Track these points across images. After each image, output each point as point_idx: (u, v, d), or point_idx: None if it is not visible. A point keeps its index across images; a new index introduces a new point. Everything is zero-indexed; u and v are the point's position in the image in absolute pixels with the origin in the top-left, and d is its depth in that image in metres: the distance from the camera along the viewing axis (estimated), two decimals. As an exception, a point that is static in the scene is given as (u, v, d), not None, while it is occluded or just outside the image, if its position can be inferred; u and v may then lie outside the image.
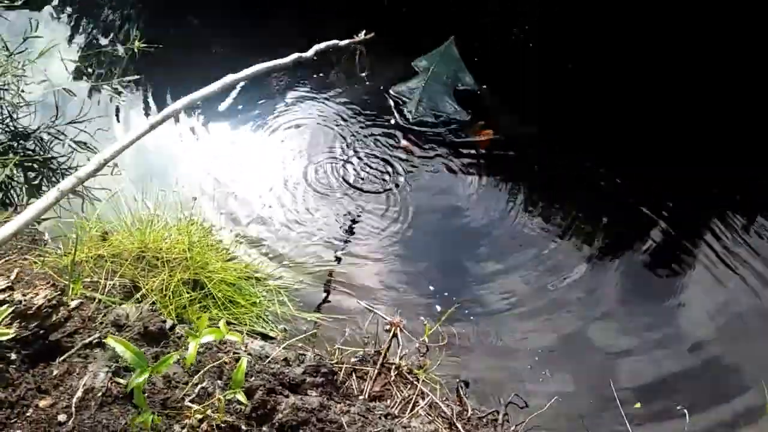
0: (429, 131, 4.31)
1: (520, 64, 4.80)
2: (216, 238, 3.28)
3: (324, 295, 3.18)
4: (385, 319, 3.03)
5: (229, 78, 3.13)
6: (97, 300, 2.53)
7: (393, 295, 3.23)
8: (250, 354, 2.36)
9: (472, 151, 4.16)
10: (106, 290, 2.65)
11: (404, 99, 4.54)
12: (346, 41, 4.16)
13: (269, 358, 2.36)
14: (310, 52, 3.66)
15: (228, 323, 2.82)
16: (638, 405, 2.79)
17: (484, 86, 4.71)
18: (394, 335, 2.93)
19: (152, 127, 2.87)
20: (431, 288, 3.28)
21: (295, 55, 3.52)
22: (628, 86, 4.53)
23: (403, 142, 4.20)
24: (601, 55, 4.74)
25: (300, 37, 4.10)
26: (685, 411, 2.72)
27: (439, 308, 3.15)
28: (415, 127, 4.31)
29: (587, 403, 2.85)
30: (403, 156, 4.09)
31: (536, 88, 4.51)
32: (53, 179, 3.59)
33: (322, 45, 3.77)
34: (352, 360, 2.76)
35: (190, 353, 1.72)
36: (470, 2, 5.16)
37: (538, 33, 4.98)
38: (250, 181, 3.77)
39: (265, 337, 2.84)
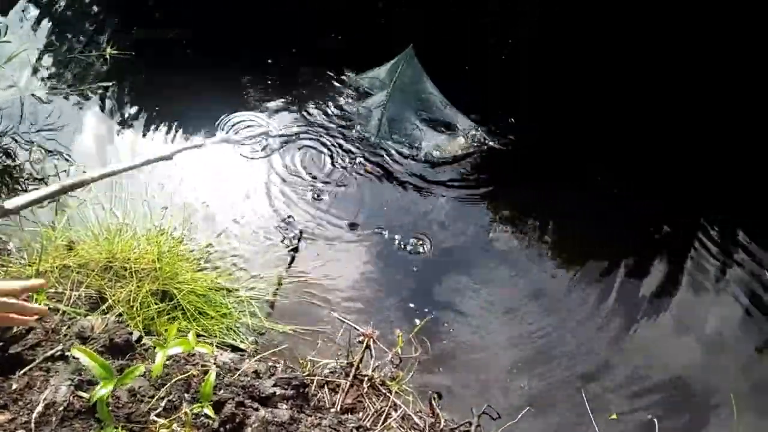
0: (393, 152, 4.15)
1: (518, 66, 4.76)
2: (186, 248, 3.22)
3: (296, 306, 3.14)
4: (358, 330, 3.00)
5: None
6: (61, 311, 2.46)
7: (366, 307, 3.21)
8: (219, 366, 2.30)
9: (445, 168, 4.11)
10: (71, 301, 2.59)
11: (362, 118, 4.26)
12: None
13: (239, 371, 2.32)
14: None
15: (197, 335, 2.77)
16: (614, 416, 2.81)
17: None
18: (367, 347, 2.91)
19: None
20: (405, 301, 3.26)
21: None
22: (627, 89, 4.55)
23: (368, 166, 4.02)
24: (601, 55, 4.75)
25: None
26: (655, 420, 2.74)
27: (413, 321, 3.13)
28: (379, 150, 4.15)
29: (561, 414, 2.85)
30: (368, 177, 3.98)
31: (533, 91, 4.49)
32: (17, 187, 3.49)
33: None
34: (324, 372, 2.73)
35: (157, 364, 1.68)
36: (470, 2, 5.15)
37: (537, 34, 4.97)
38: (221, 191, 3.71)
39: (235, 349, 2.79)
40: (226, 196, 3.68)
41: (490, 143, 4.18)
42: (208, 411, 1.78)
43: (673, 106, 4.45)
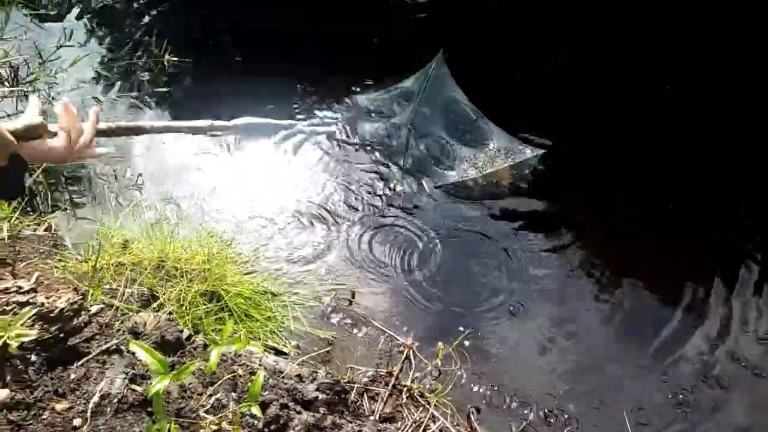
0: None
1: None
2: (235, 251, 3.30)
3: (339, 313, 3.17)
4: (398, 340, 3.02)
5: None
6: (115, 307, 2.56)
7: (407, 317, 3.22)
8: (264, 368, 2.36)
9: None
10: (125, 298, 2.68)
11: (386, 142, 3.99)
12: None
13: (283, 374, 2.37)
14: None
15: (243, 337, 2.83)
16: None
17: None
18: (407, 357, 2.93)
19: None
20: (447, 313, 3.26)
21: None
22: (625, 93, 4.53)
23: (399, 188, 3.84)
24: (600, 58, 4.75)
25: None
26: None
27: (453, 333, 3.13)
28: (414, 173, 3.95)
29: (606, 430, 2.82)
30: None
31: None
32: (73, 188, 3.63)
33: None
34: (364, 380, 2.75)
35: (212, 361, 1.73)
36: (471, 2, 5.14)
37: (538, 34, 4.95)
38: (272, 198, 3.79)
39: (278, 352, 2.84)
40: (277, 203, 3.75)
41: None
42: (256, 410, 1.82)
43: (681, 111, 4.43)
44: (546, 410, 2.90)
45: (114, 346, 2.21)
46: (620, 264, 3.59)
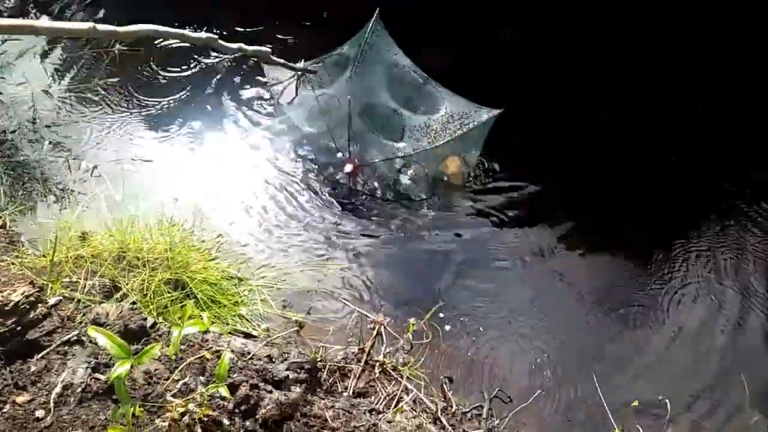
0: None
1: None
2: (198, 238, 3.25)
3: (308, 294, 3.15)
4: (369, 317, 3.02)
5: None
6: (76, 300, 2.50)
7: (377, 294, 3.22)
8: (232, 351, 2.33)
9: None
10: (86, 290, 2.62)
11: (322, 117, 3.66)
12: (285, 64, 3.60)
13: (252, 355, 2.34)
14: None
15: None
16: (635, 403, 2.79)
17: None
18: (378, 333, 2.93)
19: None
20: (416, 289, 3.27)
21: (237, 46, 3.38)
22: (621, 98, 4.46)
23: (348, 167, 3.60)
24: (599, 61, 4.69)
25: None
26: (667, 401, 2.75)
27: (422, 309, 3.12)
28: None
29: (572, 398, 2.85)
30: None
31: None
32: (27, 184, 3.52)
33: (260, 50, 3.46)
34: (336, 358, 2.75)
35: (173, 342, 1.70)
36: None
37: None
38: (232, 183, 3.74)
39: (247, 335, 2.81)
40: (238, 188, 3.70)
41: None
42: (224, 391, 1.80)
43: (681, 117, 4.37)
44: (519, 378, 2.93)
45: (75, 337, 2.17)
46: (581, 242, 3.63)
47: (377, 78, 3.57)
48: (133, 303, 2.61)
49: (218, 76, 4.36)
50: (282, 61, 3.44)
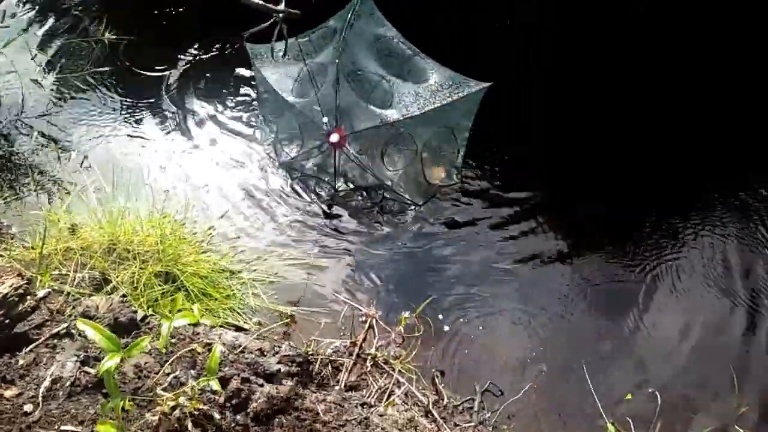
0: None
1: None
2: (189, 230, 3.23)
3: (299, 287, 3.14)
4: (361, 310, 3.02)
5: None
6: (65, 292, 2.48)
7: (369, 288, 3.21)
8: (223, 344, 2.32)
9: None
10: (75, 283, 2.60)
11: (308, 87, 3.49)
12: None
13: (243, 348, 2.33)
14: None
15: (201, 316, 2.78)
16: (629, 396, 2.79)
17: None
18: (370, 326, 2.93)
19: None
20: (407, 284, 3.26)
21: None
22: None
23: (334, 137, 3.40)
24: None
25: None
26: (657, 394, 2.76)
27: (414, 303, 3.12)
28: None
29: (564, 392, 2.86)
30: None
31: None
32: (16, 175, 3.49)
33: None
34: (328, 351, 2.74)
35: (163, 335, 1.69)
36: None
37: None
38: (222, 174, 3.72)
39: (239, 329, 2.80)
40: (229, 180, 3.68)
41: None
42: (215, 384, 1.79)
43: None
44: (510, 372, 2.93)
45: (64, 330, 2.15)
46: (574, 238, 3.59)
47: (365, 47, 3.48)
48: (123, 296, 2.59)
49: (208, 68, 4.32)
50: (260, 2, 3.22)
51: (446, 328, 3.04)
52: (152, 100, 4.10)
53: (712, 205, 3.74)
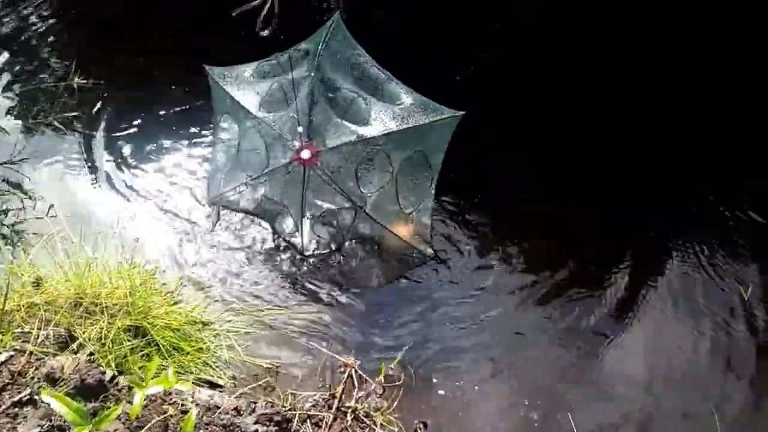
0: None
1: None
2: (160, 281, 3.13)
3: (275, 338, 3.05)
4: (339, 360, 2.93)
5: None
6: (28, 352, 2.35)
7: (346, 337, 3.13)
8: (197, 404, 2.22)
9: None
10: (39, 341, 2.47)
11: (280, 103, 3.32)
12: None
13: (219, 409, 2.23)
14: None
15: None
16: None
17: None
18: (349, 377, 2.84)
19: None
20: (386, 332, 3.18)
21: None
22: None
23: (305, 153, 3.15)
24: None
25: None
26: None
27: (395, 352, 3.03)
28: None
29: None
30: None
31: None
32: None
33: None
34: (306, 406, 2.63)
35: (135, 405, 1.60)
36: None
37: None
38: (195, 221, 3.62)
39: (213, 385, 2.69)
40: (200, 227, 3.58)
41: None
42: (189, 453, 1.69)
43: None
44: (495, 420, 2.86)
45: (27, 396, 2.03)
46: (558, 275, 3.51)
47: (340, 67, 3.36)
48: (91, 354, 2.47)
49: (179, 115, 4.26)
50: None
51: (428, 375, 2.97)
52: (123, 144, 4.01)
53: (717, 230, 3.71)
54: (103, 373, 2.22)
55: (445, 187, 3.44)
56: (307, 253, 3.44)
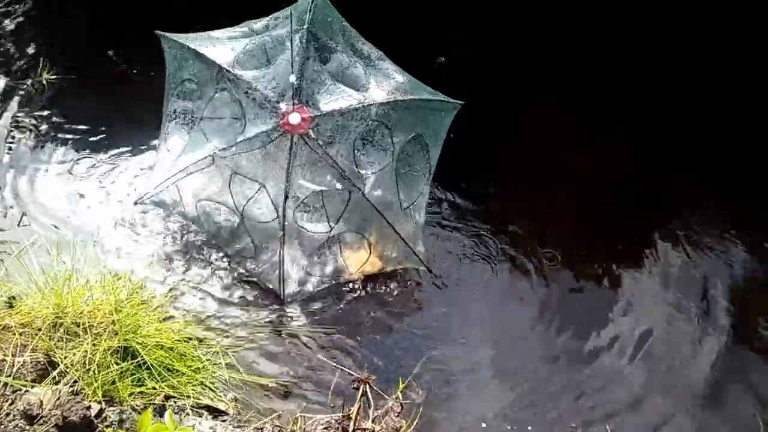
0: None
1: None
2: (148, 293, 2.84)
3: (279, 354, 2.77)
4: (352, 375, 2.67)
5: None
6: (2, 384, 2.07)
7: (358, 353, 2.85)
8: (199, 440, 1.95)
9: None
10: (15, 370, 2.18)
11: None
12: None
13: (223, 443, 1.97)
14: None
15: (167, 397, 2.39)
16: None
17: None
18: (364, 394, 2.59)
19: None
20: (398, 347, 2.92)
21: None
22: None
23: (294, 117, 2.65)
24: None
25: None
26: None
27: (412, 364, 2.78)
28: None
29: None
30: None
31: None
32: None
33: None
34: (319, 429, 2.39)
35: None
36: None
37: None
38: (182, 228, 3.30)
39: (213, 410, 2.42)
40: (188, 231, 3.27)
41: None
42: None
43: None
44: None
45: (0, 441, 1.74)
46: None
47: (333, 31, 2.92)
48: (74, 382, 2.19)
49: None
50: None
51: (449, 394, 2.72)
52: (100, 145, 3.68)
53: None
54: (89, 407, 1.94)
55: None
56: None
